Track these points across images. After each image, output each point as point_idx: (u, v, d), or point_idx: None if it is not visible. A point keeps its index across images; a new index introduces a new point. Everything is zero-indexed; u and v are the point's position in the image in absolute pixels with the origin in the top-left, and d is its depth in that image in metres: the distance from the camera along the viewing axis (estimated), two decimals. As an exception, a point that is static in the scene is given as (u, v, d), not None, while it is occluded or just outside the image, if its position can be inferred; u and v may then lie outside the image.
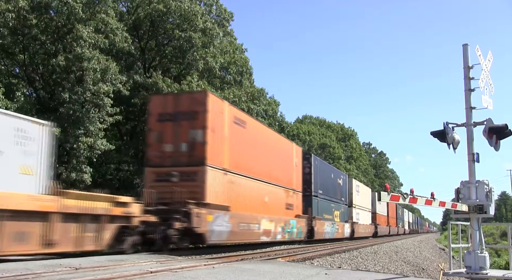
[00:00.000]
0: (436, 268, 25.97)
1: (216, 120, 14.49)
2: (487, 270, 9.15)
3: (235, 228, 15.10)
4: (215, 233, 13.93)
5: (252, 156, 17.22)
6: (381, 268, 19.13)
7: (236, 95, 31.09)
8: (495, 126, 9.22)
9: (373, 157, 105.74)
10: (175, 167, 13.81)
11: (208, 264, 9.38)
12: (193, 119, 14.00)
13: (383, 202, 48.59)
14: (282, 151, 20.75)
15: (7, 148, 9.03)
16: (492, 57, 10.20)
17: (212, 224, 13.67)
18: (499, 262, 36.41)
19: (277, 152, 20.04)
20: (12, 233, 8.22)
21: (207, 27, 29.04)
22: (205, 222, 13.27)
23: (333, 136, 65.62)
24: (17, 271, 6.71)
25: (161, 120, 14.48)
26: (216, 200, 14.10)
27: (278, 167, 19.89)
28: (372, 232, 41.08)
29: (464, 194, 9.40)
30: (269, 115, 38.24)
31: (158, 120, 14.56)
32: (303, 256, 15.78)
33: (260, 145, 18.15)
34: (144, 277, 6.95)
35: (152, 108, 14.93)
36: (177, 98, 15.24)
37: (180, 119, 14.15)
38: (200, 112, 13.96)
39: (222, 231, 14.35)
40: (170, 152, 14.11)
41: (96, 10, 23.47)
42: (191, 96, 15.31)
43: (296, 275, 8.33)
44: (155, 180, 14.02)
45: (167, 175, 13.80)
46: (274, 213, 18.73)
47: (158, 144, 14.32)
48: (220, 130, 14.76)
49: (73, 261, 8.34)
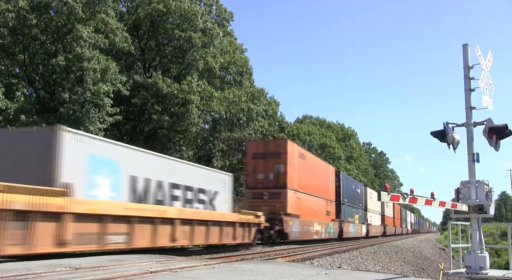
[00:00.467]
0: (436, 268, 25.96)
1: (290, 157, 21.37)
2: (487, 270, 9.15)
3: (302, 229, 22.21)
4: (293, 233, 20.89)
5: (308, 178, 24.11)
6: (381, 268, 19.14)
7: (236, 95, 31.11)
8: (495, 126, 9.21)
9: (373, 157, 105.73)
10: (265, 189, 20.92)
11: (208, 264, 9.38)
12: (277, 158, 21.04)
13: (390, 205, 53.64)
14: (323, 171, 27.67)
15: (220, 190, 16.03)
16: (492, 57, 10.20)
17: (292, 227, 20.69)
18: (499, 262, 36.44)
19: (320, 173, 27.00)
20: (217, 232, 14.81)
21: (207, 27, 29.05)
22: (289, 226, 20.34)
23: (333, 136, 65.58)
24: (17, 271, 6.71)
25: (255, 157, 21.52)
26: (292, 211, 20.96)
27: (321, 184, 26.79)
28: (381, 231, 47.70)
29: (464, 194, 9.39)
30: (269, 115, 38.23)
31: (253, 157, 21.64)
32: (303, 256, 15.79)
33: (312, 169, 25.13)
34: (144, 277, 6.95)
35: (249, 150, 22.31)
36: (266, 143, 22.34)
37: (269, 157, 21.19)
38: (282, 153, 21.06)
39: (296, 232, 21.36)
40: (262, 179, 21.11)
41: (96, 10, 23.46)
42: (276, 142, 22.57)
43: (296, 275, 8.33)
44: (252, 198, 20.99)
45: (260, 194, 20.89)
46: (320, 218, 25.94)
47: (253, 174, 21.38)
48: (293, 163, 21.70)
49: (73, 261, 8.34)
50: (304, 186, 23.04)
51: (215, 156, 31.28)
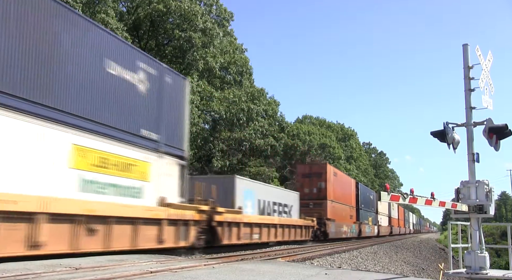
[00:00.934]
0: (436, 268, 25.95)
1: (328, 176, 29.09)
2: (487, 270, 9.14)
3: (336, 230, 30.00)
4: (331, 233, 28.62)
5: (339, 190, 31.66)
6: (381, 268, 19.14)
7: (236, 95, 31.11)
8: (495, 126, 9.20)
9: (373, 157, 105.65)
10: (311, 200, 28.32)
11: (208, 264, 9.37)
12: (319, 177, 28.88)
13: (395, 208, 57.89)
14: (347, 184, 35.28)
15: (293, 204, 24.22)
16: (492, 57, 10.18)
17: (331, 228, 28.49)
18: (499, 262, 36.41)
19: (346, 185, 34.54)
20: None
21: (207, 27, 29.04)
22: (329, 227, 28.15)
23: (333, 136, 65.47)
24: (17, 271, 6.70)
25: (303, 177, 29.51)
26: (330, 216, 28.56)
27: (346, 193, 34.25)
28: (389, 231, 54.91)
29: (464, 194, 9.38)
30: (269, 115, 38.21)
31: (301, 177, 29.72)
32: (303, 256, 15.80)
33: (341, 183, 32.74)
34: (144, 277, 6.95)
35: (298, 170, 30.87)
36: (311, 166, 31.36)
37: (313, 177, 29.02)
38: (323, 173, 28.97)
39: (333, 232, 29.07)
40: (308, 192, 28.52)
41: (96, 10, 23.48)
42: (318, 165, 31.38)
43: (296, 275, 8.32)
44: (300, 206, 25.68)
45: (307, 204, 27.62)
46: (346, 221, 33.48)
47: (301, 188, 28.52)
48: (330, 180, 29.33)
49: (73, 261, 8.33)
50: (336, 197, 30.83)
51: (215, 156, 31.28)
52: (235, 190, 17.14)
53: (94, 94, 9.88)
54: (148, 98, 11.77)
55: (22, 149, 8.12)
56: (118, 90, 10.65)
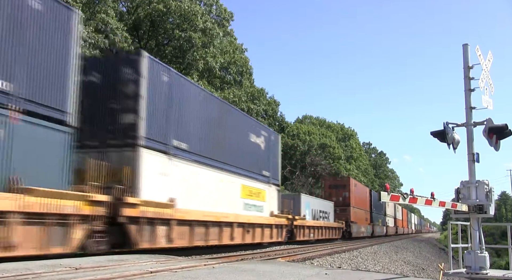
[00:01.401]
0: (436, 268, 25.94)
1: (351, 187, 36.15)
2: (487, 270, 9.13)
3: (357, 230, 37.29)
4: (354, 233, 35.90)
5: (358, 198, 38.80)
6: (381, 268, 19.13)
7: (236, 95, 31.12)
8: (495, 126, 9.19)
9: (373, 157, 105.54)
10: (337, 207, 34.64)
11: (208, 264, 9.37)
12: (343, 188, 36.11)
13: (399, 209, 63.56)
14: (364, 191, 42.75)
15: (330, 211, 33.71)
16: (492, 57, 10.17)
17: (354, 229, 36.02)
18: (499, 262, 36.40)
19: (363, 193, 42.00)
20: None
21: (207, 27, 29.03)
22: (353, 229, 35.81)
23: (333, 136, 65.41)
24: (17, 271, 6.70)
25: (330, 187, 37.01)
26: (353, 219, 35.83)
27: (363, 200, 41.11)
28: (394, 231, 61.39)
29: (464, 194, 9.38)
30: (269, 115, 38.25)
31: (328, 188, 37.25)
32: (303, 256, 15.80)
33: (360, 191, 40.08)
34: (144, 277, 6.95)
35: (325, 182, 39.29)
36: (336, 179, 40.32)
37: (338, 188, 36.17)
38: (347, 185, 36.14)
39: (355, 232, 36.34)
40: (334, 201, 34.48)
41: (96, 10, 23.47)
42: (342, 178, 40.50)
43: (296, 275, 8.32)
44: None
45: (334, 210, 33.55)
46: (363, 223, 40.85)
47: (330, 197, 35.13)
48: (352, 190, 36.46)
49: (73, 261, 8.33)
50: (357, 203, 37.81)
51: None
52: (301, 203, 25.80)
53: (244, 154, 17.24)
54: (264, 151, 19.40)
55: (222, 188, 15.24)
56: (253, 149, 18.27)
